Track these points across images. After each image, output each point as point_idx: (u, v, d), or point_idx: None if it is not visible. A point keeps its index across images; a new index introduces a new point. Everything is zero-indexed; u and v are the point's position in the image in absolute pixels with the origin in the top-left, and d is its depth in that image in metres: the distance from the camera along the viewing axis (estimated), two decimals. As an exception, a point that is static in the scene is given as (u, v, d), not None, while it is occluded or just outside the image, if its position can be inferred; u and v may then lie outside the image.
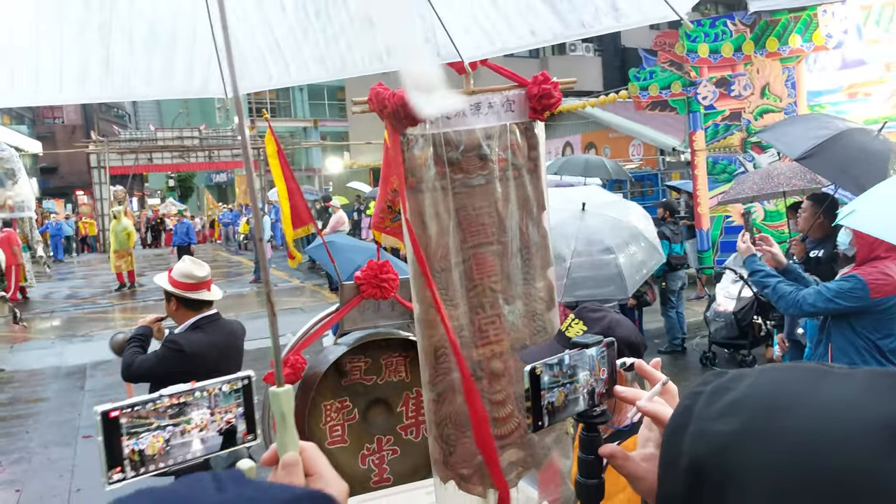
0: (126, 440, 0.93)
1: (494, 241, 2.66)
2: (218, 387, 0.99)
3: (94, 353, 9.74)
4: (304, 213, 3.46)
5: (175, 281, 3.58)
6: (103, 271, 18.11)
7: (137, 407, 0.94)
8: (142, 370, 3.51)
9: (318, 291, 14.80)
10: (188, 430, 0.97)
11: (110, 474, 0.92)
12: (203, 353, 3.43)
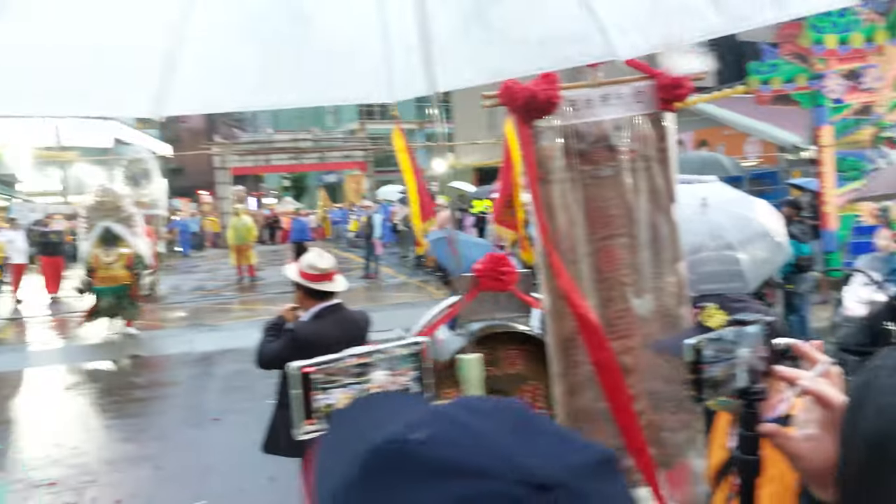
0: (318, 395, 1.03)
1: (623, 234, 2.65)
2: (397, 349, 1.07)
3: (220, 342, 10.36)
4: (429, 209, 3.57)
5: (301, 272, 3.75)
6: (226, 265, 19.18)
7: (327, 365, 1.03)
8: (269, 357, 3.67)
9: (423, 287, 15.08)
10: (370, 390, 1.06)
11: (304, 426, 1.02)
12: (319, 342, 3.50)
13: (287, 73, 2.04)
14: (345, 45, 2.13)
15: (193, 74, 1.93)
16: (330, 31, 2.06)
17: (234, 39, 1.97)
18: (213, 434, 6.53)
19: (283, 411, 3.67)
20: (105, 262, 10.84)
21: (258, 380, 8.03)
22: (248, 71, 2.02)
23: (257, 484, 5.31)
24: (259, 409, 7.17)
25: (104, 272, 10.82)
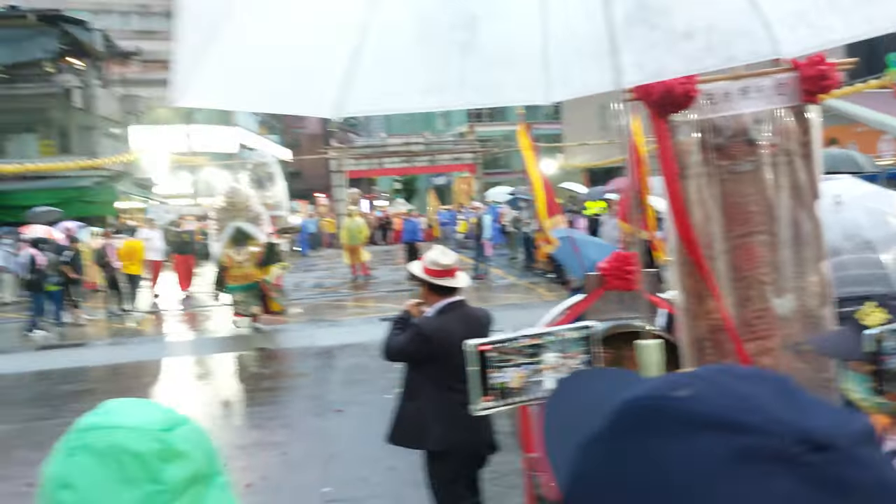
0: (493, 373, 1.09)
1: (763, 231, 2.58)
2: (567, 333, 1.11)
3: (340, 337, 10.78)
4: (553, 206, 3.60)
5: (425, 268, 3.83)
6: (341, 264, 19.88)
7: (502, 344, 1.09)
8: (395, 349, 3.76)
9: (533, 289, 15.03)
10: (542, 371, 1.11)
11: (480, 402, 1.08)
12: (442, 337, 3.56)
13: (453, 76, 2.13)
14: (508, 47, 2.20)
15: (370, 76, 2.06)
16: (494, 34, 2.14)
17: (407, 42, 2.08)
18: (336, 424, 6.81)
19: (406, 403, 3.77)
20: (237, 261, 11.23)
21: (378, 374, 8.31)
22: (417, 73, 2.12)
23: (378, 473, 5.50)
24: (379, 402, 7.42)
25: (237, 270, 11.20)
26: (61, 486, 0.81)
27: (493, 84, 2.25)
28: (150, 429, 0.84)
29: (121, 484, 0.80)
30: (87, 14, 28.45)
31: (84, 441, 0.83)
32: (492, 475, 5.24)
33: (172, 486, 0.81)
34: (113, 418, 0.85)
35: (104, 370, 9.92)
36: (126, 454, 0.81)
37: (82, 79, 26.07)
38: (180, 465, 0.83)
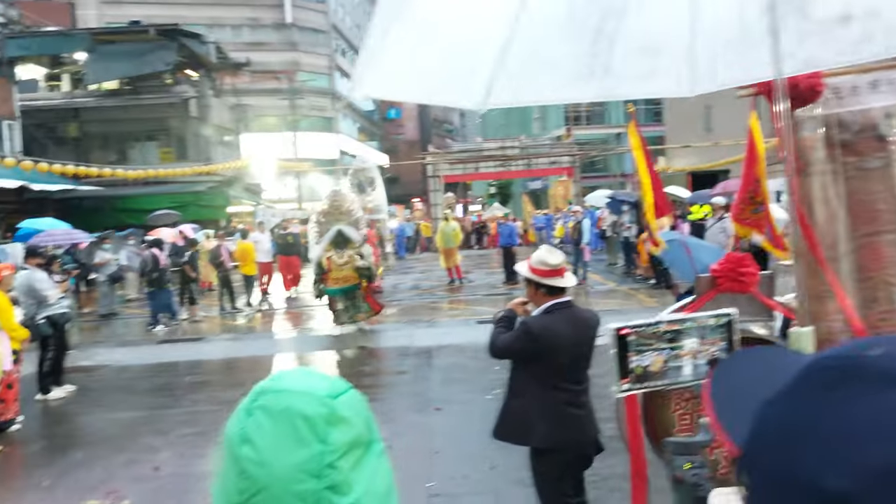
0: (633, 356, 1.13)
1: (891, 230, 2.48)
2: (707, 319, 1.15)
3: (438, 337, 10.96)
4: (664, 205, 3.56)
5: (532, 267, 3.85)
6: (437, 267, 20.15)
7: (641, 328, 1.14)
8: (502, 347, 3.77)
9: (632, 295, 14.72)
10: (681, 356, 1.15)
11: (620, 384, 1.13)
12: (549, 336, 3.57)
13: (599, 67, 2.18)
14: (655, 38, 2.23)
15: (516, 68, 2.15)
16: (642, 25, 2.17)
17: (553, 34, 2.16)
18: (437, 421, 6.94)
19: (511, 400, 3.81)
20: (338, 264, 11.27)
21: (476, 374, 8.42)
22: (562, 64, 2.19)
23: (480, 471, 5.58)
24: (478, 401, 7.52)
25: (337, 273, 11.25)
26: (242, 441, 0.91)
27: (637, 75, 2.28)
28: (318, 394, 0.93)
29: (293, 443, 0.89)
30: (201, 28, 30.12)
31: (261, 403, 0.93)
32: (593, 478, 5.21)
33: (337, 448, 0.90)
34: (286, 383, 0.96)
35: (219, 364, 10.50)
36: (298, 416, 0.91)
37: (198, 89, 27.65)
38: (343, 430, 0.92)
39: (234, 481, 0.89)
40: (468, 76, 2.20)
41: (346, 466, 0.90)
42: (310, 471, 0.88)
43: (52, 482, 5.93)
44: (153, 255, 13.40)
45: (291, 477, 0.87)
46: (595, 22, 2.12)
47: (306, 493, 0.87)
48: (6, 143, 22.22)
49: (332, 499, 0.88)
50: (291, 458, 0.88)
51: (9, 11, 30.03)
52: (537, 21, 2.10)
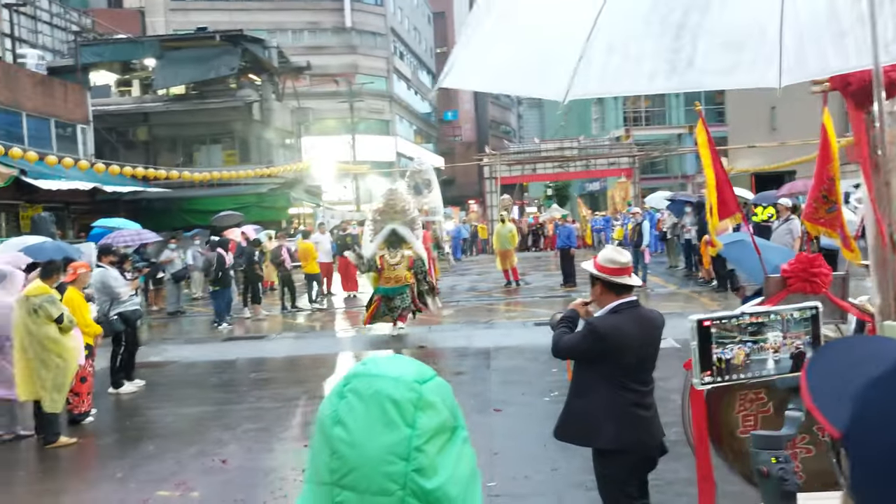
0: (714, 348, 1.13)
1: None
2: (790, 313, 1.13)
3: (496, 339, 10.96)
4: (732, 203, 3.47)
5: (600, 266, 3.79)
6: (493, 269, 20.15)
7: (724, 320, 1.13)
8: (567, 347, 3.73)
9: (694, 298, 14.42)
10: (764, 349, 1.13)
11: (702, 376, 1.12)
12: (617, 336, 3.53)
13: (682, 59, 2.18)
14: (741, 30, 2.22)
15: (599, 60, 2.17)
16: (728, 17, 2.16)
17: (638, 27, 2.17)
18: (497, 422, 6.94)
19: (576, 400, 3.77)
20: (390, 264, 11.07)
21: (535, 377, 8.39)
22: (645, 57, 2.20)
23: (541, 472, 5.56)
24: (537, 403, 7.50)
25: (389, 273, 11.06)
26: (334, 423, 0.95)
27: (721, 67, 2.27)
28: (407, 380, 0.96)
29: (383, 426, 0.93)
30: (263, 33, 30.86)
31: (352, 386, 0.97)
32: (657, 482, 5.13)
33: (424, 432, 0.93)
34: (376, 368, 0.99)
35: (281, 361, 10.74)
36: (387, 400, 0.94)
37: (260, 93, 28.33)
38: (430, 414, 0.95)
39: (326, 461, 0.93)
40: (551, 68, 2.23)
41: (433, 451, 0.93)
42: (398, 453, 0.91)
43: (124, 474, 6.16)
44: (219, 254, 13.78)
45: (381, 458, 0.90)
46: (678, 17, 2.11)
47: (395, 475, 0.90)
48: (80, 147, 23.20)
49: (419, 481, 0.90)
50: (381, 440, 0.91)
51: (83, 20, 31.37)
52: (620, 15, 2.10)
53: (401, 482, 0.90)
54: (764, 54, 2.25)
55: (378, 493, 0.90)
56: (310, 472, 0.98)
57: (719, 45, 2.20)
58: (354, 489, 0.91)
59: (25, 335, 6.96)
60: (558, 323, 3.95)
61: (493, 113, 68.48)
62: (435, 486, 0.92)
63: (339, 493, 0.92)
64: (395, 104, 46.62)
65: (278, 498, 5.42)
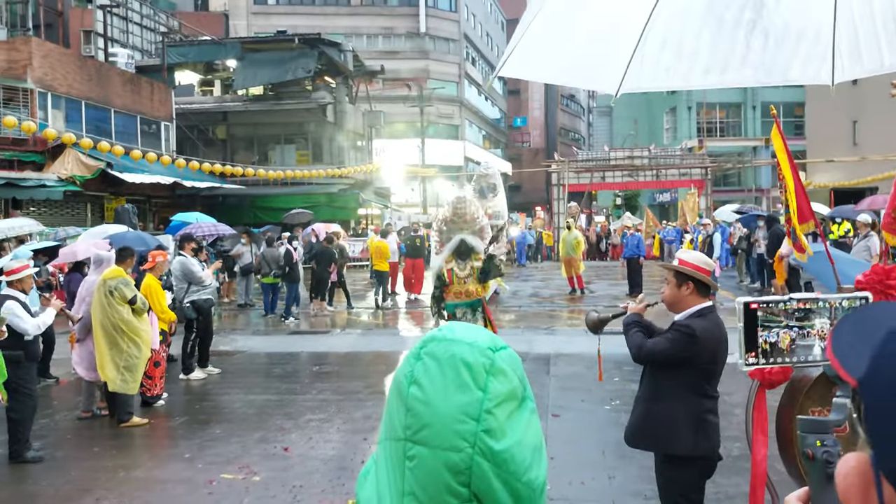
0: (761, 331, 1.15)
1: None
2: (839, 301, 1.14)
3: (556, 345, 10.92)
4: (806, 210, 3.41)
5: (695, 265, 3.67)
6: (557, 276, 20.02)
7: (771, 304, 1.15)
8: (653, 352, 3.63)
9: (767, 316, 13.99)
10: (810, 335, 1.15)
11: (746, 357, 1.15)
12: (708, 340, 3.45)
13: (737, 55, 2.20)
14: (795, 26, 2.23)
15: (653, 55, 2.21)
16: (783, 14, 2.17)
17: (693, 23, 2.20)
18: (555, 428, 6.92)
19: (655, 405, 3.67)
20: (459, 277, 10.11)
21: (594, 384, 8.31)
22: (700, 52, 2.23)
23: (597, 479, 5.53)
24: (596, 410, 7.46)
25: (459, 286, 10.03)
26: (410, 382, 1.01)
27: (775, 63, 2.27)
28: (481, 346, 1.02)
29: (456, 387, 0.98)
30: (340, 37, 31.55)
31: (429, 349, 1.03)
32: (718, 496, 5.05)
33: (495, 396, 0.98)
34: (453, 334, 1.05)
35: (343, 356, 10.97)
36: (462, 364, 0.99)
37: (334, 95, 28.97)
38: (501, 380, 1.00)
39: (401, 419, 0.99)
40: (605, 62, 2.28)
41: (502, 415, 0.97)
42: (470, 413, 0.96)
43: (191, 454, 6.44)
44: (287, 250, 14.18)
45: (453, 417, 0.96)
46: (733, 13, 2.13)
47: (465, 433, 0.95)
48: (163, 143, 24.24)
49: (488, 441, 0.95)
50: (454, 400, 0.97)
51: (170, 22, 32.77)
52: (675, 12, 2.13)
53: (471, 441, 0.95)
54: (817, 51, 2.24)
55: (449, 448, 0.95)
56: (384, 430, 1.05)
57: (773, 42, 2.20)
58: (427, 444, 0.97)
59: (103, 317, 7.34)
60: (628, 327, 3.86)
61: (563, 120, 68.00)
62: (503, 448, 0.96)
63: (412, 448, 0.98)
64: (466, 109, 46.87)
65: (336, 487, 5.57)
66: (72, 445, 6.89)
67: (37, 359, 6.55)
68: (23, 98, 18.64)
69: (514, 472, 0.97)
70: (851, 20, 2.22)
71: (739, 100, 46.55)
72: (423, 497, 0.97)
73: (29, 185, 16.95)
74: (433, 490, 0.96)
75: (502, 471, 0.96)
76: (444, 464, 0.96)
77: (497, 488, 0.96)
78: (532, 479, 0.99)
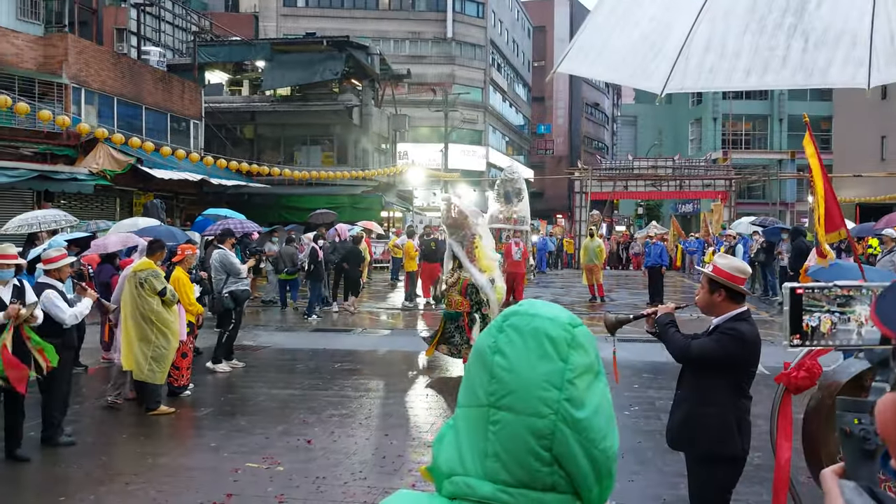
0: (804, 315, 1.22)
1: None
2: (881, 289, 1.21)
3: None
4: (837, 218, 3.44)
5: (729, 274, 3.65)
6: (578, 284, 20.03)
7: (815, 290, 1.23)
8: (703, 354, 3.67)
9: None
10: (851, 321, 1.22)
11: (791, 339, 1.22)
12: (753, 343, 3.53)
13: (777, 57, 2.30)
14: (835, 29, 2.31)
15: (698, 56, 2.31)
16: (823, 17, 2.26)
17: (737, 25, 2.30)
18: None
19: (699, 408, 3.70)
20: (448, 283, 9.55)
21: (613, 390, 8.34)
22: (742, 54, 2.33)
23: (618, 482, 5.55)
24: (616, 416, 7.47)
25: (449, 294, 9.51)
26: (494, 352, 1.09)
27: (814, 66, 2.36)
28: (562, 321, 1.10)
29: (539, 357, 1.06)
30: (367, 41, 31.81)
31: (511, 322, 1.11)
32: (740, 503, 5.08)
33: (576, 368, 1.06)
34: (534, 309, 1.13)
35: (365, 354, 11.09)
36: (544, 336, 1.07)
37: (360, 98, 29.21)
38: (581, 354, 1.08)
39: (485, 386, 1.07)
40: (654, 60, 2.37)
41: (582, 386, 1.05)
42: (553, 382, 1.04)
43: (217, 443, 6.58)
44: (313, 248, 14.35)
45: (537, 384, 1.04)
46: (775, 17, 2.21)
47: (549, 400, 1.03)
48: (191, 141, 24.60)
49: (570, 409, 1.03)
50: (538, 368, 1.04)
51: (202, 21, 33.24)
52: (720, 13, 2.22)
53: (554, 408, 1.01)
54: (855, 55, 2.32)
55: (533, 414, 1.01)
56: (464, 398, 1.12)
57: (813, 45, 2.29)
58: (511, 410, 1.03)
59: (133, 308, 7.51)
60: (666, 327, 3.89)
61: (587, 128, 67.85)
62: (583, 416, 1.03)
63: (496, 413, 1.04)
64: (490, 115, 46.96)
65: (358, 479, 5.68)
66: (101, 432, 7.07)
67: (73, 347, 6.74)
68: (57, 93, 19.04)
69: (593, 440, 1.04)
70: (888, 24, 2.30)
71: (766, 112, 46.19)
72: (507, 459, 1.03)
73: (61, 179, 17.30)
74: (516, 452, 1.02)
75: (582, 437, 1.02)
76: (528, 428, 1.02)
77: (577, 453, 1.02)
78: (608, 446, 1.06)
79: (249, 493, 5.34)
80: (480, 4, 46.09)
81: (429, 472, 1.14)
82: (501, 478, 1.03)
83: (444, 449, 1.11)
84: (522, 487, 1.02)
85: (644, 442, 6.69)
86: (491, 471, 1.04)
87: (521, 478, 1.02)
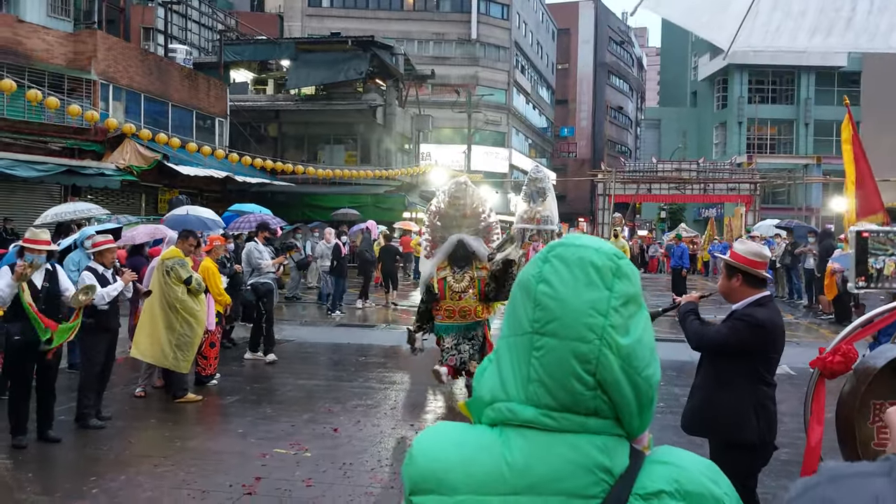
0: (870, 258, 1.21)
1: None
2: None
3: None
4: (875, 200, 3.39)
5: (745, 259, 3.66)
6: (601, 286, 19.87)
7: (881, 234, 1.22)
8: (715, 340, 3.65)
9: (813, 329, 13.81)
10: None
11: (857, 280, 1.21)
12: (770, 328, 3.52)
13: (842, 18, 2.28)
14: None
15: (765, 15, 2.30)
16: None
17: None
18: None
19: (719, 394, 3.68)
20: (454, 290, 7.67)
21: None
22: (808, 13, 2.31)
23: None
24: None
25: (451, 304, 7.66)
26: (539, 281, 1.09)
27: (878, 29, 2.33)
28: (608, 251, 1.11)
29: (584, 285, 1.07)
30: (391, 41, 31.93)
31: (556, 253, 1.11)
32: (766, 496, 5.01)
33: (620, 296, 1.07)
34: (580, 241, 1.14)
35: (385, 349, 11.11)
36: (589, 265, 1.08)
37: (384, 98, 29.32)
38: (625, 283, 1.08)
39: (529, 314, 1.08)
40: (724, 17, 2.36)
41: (626, 314, 1.06)
42: (598, 309, 1.04)
43: (244, 430, 6.63)
44: (336, 245, 14.42)
45: (582, 311, 1.04)
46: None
47: (594, 325, 1.03)
48: (217, 138, 24.83)
49: (614, 335, 1.03)
50: (583, 296, 1.05)
51: (228, 20, 33.59)
52: None
53: (598, 333, 1.03)
54: None
55: (577, 339, 1.03)
56: (507, 328, 1.13)
57: (877, 8, 2.26)
58: (556, 335, 1.04)
59: (160, 295, 7.57)
60: (686, 315, 3.89)
61: (610, 132, 67.54)
62: (627, 343, 1.04)
63: (540, 339, 1.05)
64: (513, 117, 46.93)
65: (384, 466, 5.70)
66: (130, 416, 7.15)
67: (108, 329, 6.79)
68: (86, 89, 19.31)
69: (636, 367, 1.04)
70: None
71: (791, 116, 45.69)
72: (550, 383, 1.04)
73: (88, 173, 17.52)
74: (560, 376, 1.03)
75: (626, 364, 1.03)
76: (573, 353, 1.03)
77: (620, 379, 1.03)
78: (650, 374, 1.07)
79: (277, 477, 5.38)
80: (505, 6, 46.08)
81: (467, 407, 1.15)
82: (544, 402, 1.04)
83: (486, 379, 1.12)
84: (565, 411, 1.03)
85: (670, 437, 6.64)
86: (534, 395, 1.05)
87: (565, 401, 1.03)
